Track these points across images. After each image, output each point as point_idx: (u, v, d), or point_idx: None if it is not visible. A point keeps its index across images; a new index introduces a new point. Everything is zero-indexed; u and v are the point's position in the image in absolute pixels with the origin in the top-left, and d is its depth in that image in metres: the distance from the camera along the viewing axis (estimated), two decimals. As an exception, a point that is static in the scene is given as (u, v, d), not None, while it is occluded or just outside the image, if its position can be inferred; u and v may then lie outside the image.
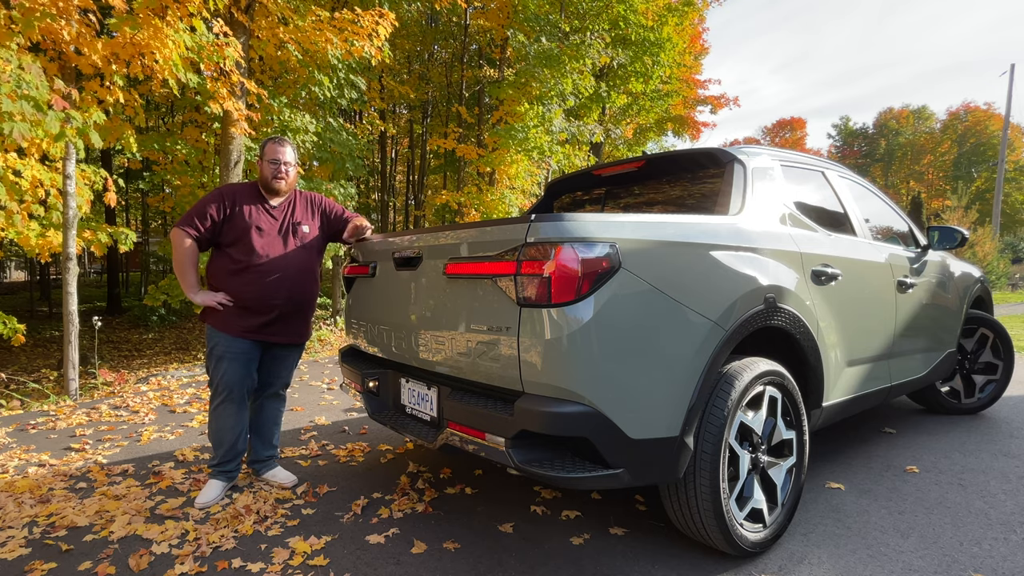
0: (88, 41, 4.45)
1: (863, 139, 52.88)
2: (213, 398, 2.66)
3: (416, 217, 17.80)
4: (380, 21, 6.60)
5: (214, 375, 2.63)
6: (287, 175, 2.71)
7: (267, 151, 2.69)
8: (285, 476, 2.84)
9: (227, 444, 2.66)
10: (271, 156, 2.68)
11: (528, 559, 2.09)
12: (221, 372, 2.61)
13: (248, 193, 2.69)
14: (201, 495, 2.61)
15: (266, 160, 2.69)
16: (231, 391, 2.62)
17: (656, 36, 13.01)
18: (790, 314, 2.19)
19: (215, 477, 2.68)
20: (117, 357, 9.38)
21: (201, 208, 2.59)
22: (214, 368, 2.63)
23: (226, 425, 2.65)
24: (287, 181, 2.72)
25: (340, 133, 8.48)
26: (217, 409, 2.65)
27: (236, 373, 2.62)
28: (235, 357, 2.61)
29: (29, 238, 5.43)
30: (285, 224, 2.71)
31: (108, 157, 13.73)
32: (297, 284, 2.70)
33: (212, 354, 2.63)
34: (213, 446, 2.70)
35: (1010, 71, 23.64)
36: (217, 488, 2.64)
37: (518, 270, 1.76)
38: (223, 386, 2.62)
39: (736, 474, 2.01)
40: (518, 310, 1.77)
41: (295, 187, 2.84)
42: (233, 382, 2.62)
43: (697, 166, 2.69)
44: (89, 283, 25.42)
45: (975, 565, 2.02)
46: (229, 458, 2.68)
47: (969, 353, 3.93)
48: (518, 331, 1.77)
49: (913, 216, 23.70)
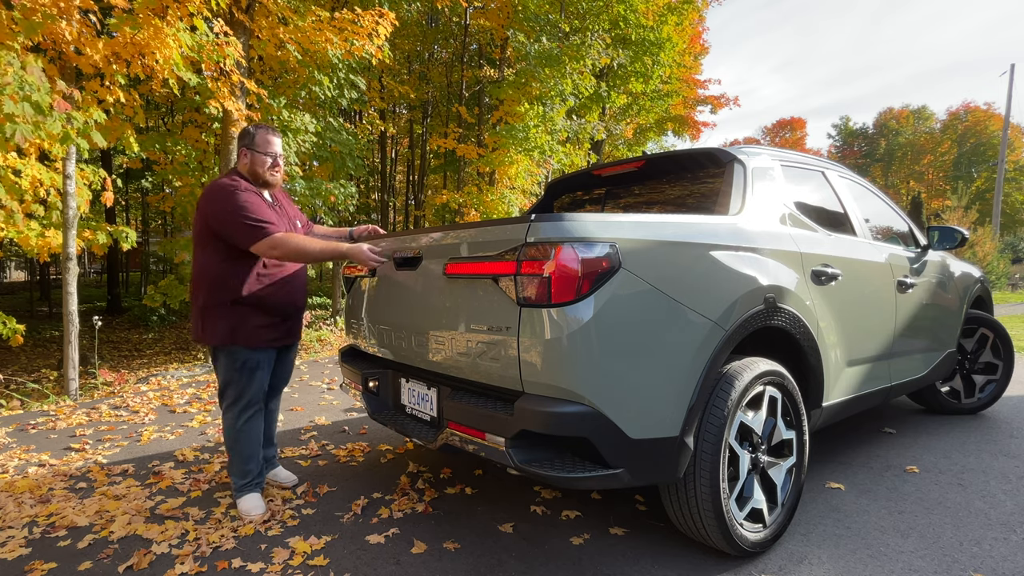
0: (89, 41, 4.46)
1: (863, 139, 52.89)
2: (242, 412, 2.46)
3: (416, 217, 17.80)
4: (380, 21, 6.61)
5: (244, 388, 2.44)
6: (281, 168, 2.55)
7: (260, 141, 2.45)
8: (286, 476, 2.84)
9: (258, 455, 2.55)
10: (268, 148, 2.46)
11: (528, 559, 2.09)
12: (255, 383, 2.45)
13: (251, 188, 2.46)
14: (250, 510, 2.44)
15: (260, 151, 2.45)
16: (260, 401, 2.52)
17: (656, 36, 13.01)
18: (790, 314, 2.19)
19: (254, 490, 2.52)
20: (117, 357, 9.38)
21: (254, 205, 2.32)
22: (247, 380, 2.44)
23: (256, 436, 2.52)
24: (281, 175, 2.56)
25: (340, 133, 8.49)
26: (248, 424, 2.48)
27: (265, 380, 2.51)
28: (266, 366, 2.50)
29: (29, 238, 5.43)
30: (286, 219, 2.57)
31: (108, 157, 13.73)
32: (304, 282, 2.66)
33: (244, 367, 2.42)
34: (243, 461, 2.50)
35: (1010, 71, 23.65)
36: (260, 499, 2.51)
37: (518, 270, 1.76)
38: (256, 398, 2.48)
39: (736, 474, 2.01)
40: (518, 310, 1.77)
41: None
42: (262, 391, 2.52)
43: (697, 166, 2.69)
44: (89, 283, 25.42)
45: (975, 565, 2.02)
46: (260, 469, 2.57)
47: (969, 353, 3.93)
48: (518, 331, 1.77)
49: (913, 216, 23.71)
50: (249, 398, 2.47)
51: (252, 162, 2.47)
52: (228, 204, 2.31)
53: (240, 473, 2.52)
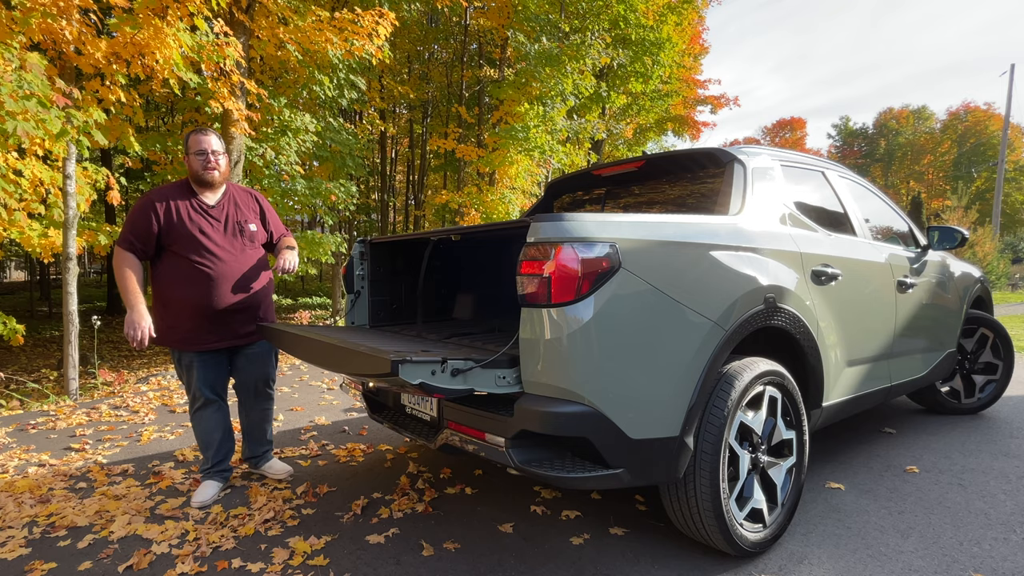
0: (89, 40, 4.46)
1: (863, 139, 52.86)
2: (191, 405, 2.68)
3: (416, 217, 17.80)
4: (380, 21, 6.60)
5: (188, 383, 2.64)
6: (218, 164, 2.57)
7: (191, 143, 2.55)
8: (281, 467, 2.88)
9: (215, 445, 2.69)
10: (196, 148, 2.54)
11: (528, 559, 2.09)
12: (194, 379, 2.61)
13: (180, 194, 2.55)
14: (197, 495, 2.61)
15: (192, 153, 2.54)
16: (207, 396, 2.65)
17: (656, 36, 13.01)
18: (790, 314, 2.19)
19: (210, 478, 2.69)
20: (117, 357, 9.38)
21: (135, 222, 2.46)
22: (186, 377, 2.63)
23: (208, 427, 2.68)
24: (220, 171, 2.58)
25: (340, 133, 8.49)
26: (197, 415, 2.67)
27: (207, 377, 2.63)
28: (204, 363, 2.61)
29: (31, 238, 5.43)
30: (229, 223, 2.61)
31: (108, 157, 13.73)
32: (249, 283, 2.62)
33: (180, 363, 2.62)
34: (201, 450, 2.71)
35: (1010, 71, 23.64)
36: (213, 488, 2.65)
37: (518, 270, 1.76)
38: (199, 392, 2.63)
39: (736, 474, 2.01)
40: (518, 310, 1.77)
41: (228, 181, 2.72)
42: (206, 386, 2.63)
43: (697, 166, 2.69)
44: (89, 283, 25.42)
45: (975, 565, 2.02)
46: (220, 458, 2.71)
47: (969, 353, 3.93)
48: (518, 331, 1.77)
49: (913, 216, 23.69)
50: (194, 391, 2.64)
51: (189, 165, 2.58)
52: (131, 210, 2.54)
53: (203, 461, 2.72)
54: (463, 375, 1.69)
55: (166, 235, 2.49)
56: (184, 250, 2.49)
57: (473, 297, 3.15)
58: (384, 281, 2.97)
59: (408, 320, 3.07)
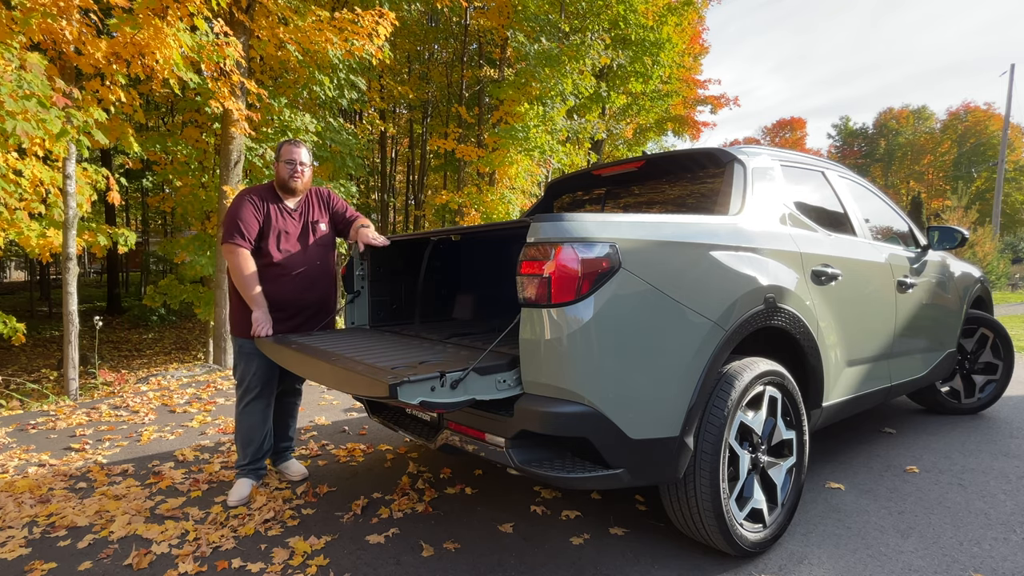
0: (89, 40, 4.46)
1: (863, 139, 52.84)
2: (243, 396, 2.70)
3: (416, 217, 17.79)
4: (380, 21, 6.60)
5: (244, 372, 2.68)
6: (303, 175, 2.76)
7: (283, 152, 2.75)
8: (297, 468, 2.92)
9: (256, 442, 2.72)
10: (287, 157, 2.73)
11: (528, 559, 2.09)
12: (252, 369, 2.66)
13: (268, 195, 2.74)
14: (233, 493, 2.63)
15: (282, 161, 2.74)
16: (260, 388, 2.69)
17: (656, 36, 13.00)
18: (790, 314, 2.19)
19: (245, 476, 2.72)
20: (117, 357, 9.38)
21: (241, 217, 2.61)
22: (244, 365, 2.67)
23: (255, 422, 2.70)
24: (303, 180, 2.77)
25: (340, 133, 8.48)
26: (248, 406, 2.69)
27: (264, 370, 2.68)
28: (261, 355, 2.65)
29: (30, 238, 5.43)
30: (305, 224, 2.79)
31: (108, 157, 13.72)
32: (320, 282, 2.78)
33: (241, 352, 2.68)
34: (241, 445, 2.73)
35: (1010, 71, 23.63)
36: (247, 486, 2.68)
37: (518, 270, 1.76)
38: (254, 382, 2.67)
39: (736, 474, 2.01)
40: (518, 310, 1.77)
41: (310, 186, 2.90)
42: (262, 379, 2.68)
43: (697, 166, 2.69)
44: (89, 283, 25.41)
45: (975, 565, 2.02)
46: (259, 456, 2.74)
47: (969, 353, 3.93)
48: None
49: (913, 216, 23.70)
50: (249, 381, 2.68)
51: (277, 171, 2.77)
52: (230, 207, 2.67)
53: (239, 455, 2.76)
54: (463, 384, 1.69)
55: (259, 231, 2.67)
56: (268, 246, 2.66)
57: (473, 297, 3.15)
58: (384, 281, 2.97)
59: (408, 320, 3.07)
